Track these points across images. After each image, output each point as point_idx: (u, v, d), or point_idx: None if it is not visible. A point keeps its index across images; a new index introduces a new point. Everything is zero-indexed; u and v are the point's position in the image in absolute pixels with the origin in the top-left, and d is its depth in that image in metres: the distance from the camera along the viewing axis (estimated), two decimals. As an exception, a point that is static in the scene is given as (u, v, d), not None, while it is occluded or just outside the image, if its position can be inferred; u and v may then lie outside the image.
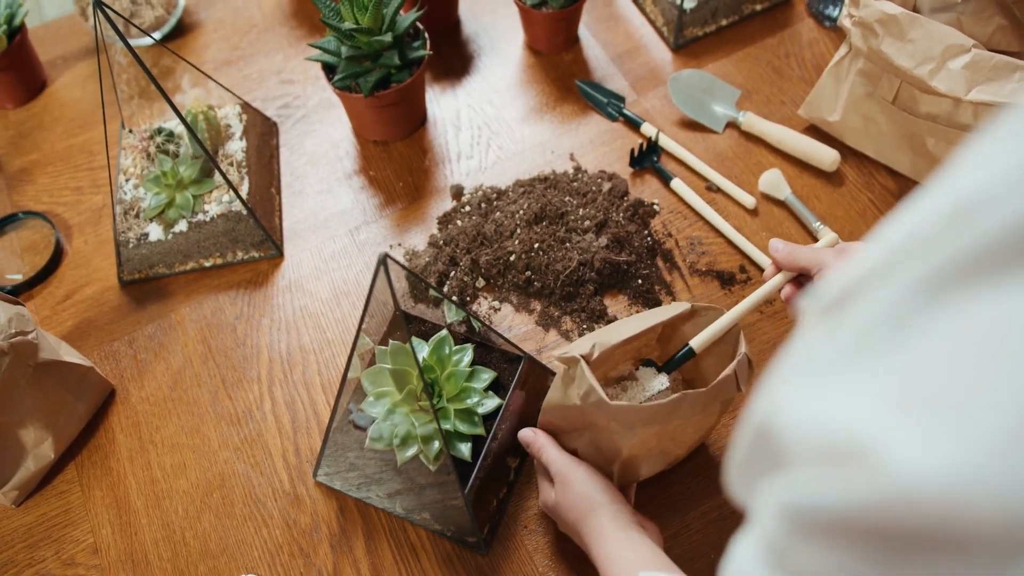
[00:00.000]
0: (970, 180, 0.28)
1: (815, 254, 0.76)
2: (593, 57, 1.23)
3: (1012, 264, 0.25)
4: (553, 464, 0.79)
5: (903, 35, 0.92)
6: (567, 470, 0.78)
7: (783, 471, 0.30)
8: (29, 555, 0.90)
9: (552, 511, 0.80)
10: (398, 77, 1.07)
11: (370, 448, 0.83)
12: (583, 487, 0.77)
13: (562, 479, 0.78)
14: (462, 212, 1.08)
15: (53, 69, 1.29)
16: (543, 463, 0.81)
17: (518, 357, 0.87)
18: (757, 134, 1.11)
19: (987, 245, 0.25)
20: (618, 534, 0.72)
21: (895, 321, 0.28)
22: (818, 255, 0.76)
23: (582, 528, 0.75)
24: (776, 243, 0.80)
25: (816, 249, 0.77)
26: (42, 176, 1.18)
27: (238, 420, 0.96)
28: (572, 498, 0.77)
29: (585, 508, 0.76)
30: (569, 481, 0.77)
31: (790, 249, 0.79)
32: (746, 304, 0.80)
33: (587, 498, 0.76)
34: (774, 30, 1.22)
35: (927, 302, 0.27)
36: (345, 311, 1.03)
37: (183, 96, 1.12)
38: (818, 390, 0.30)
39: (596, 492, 0.76)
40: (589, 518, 0.75)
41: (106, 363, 1.01)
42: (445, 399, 0.82)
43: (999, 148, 0.28)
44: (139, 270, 1.07)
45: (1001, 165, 0.27)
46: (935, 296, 0.26)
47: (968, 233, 0.26)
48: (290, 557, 0.88)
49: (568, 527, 0.78)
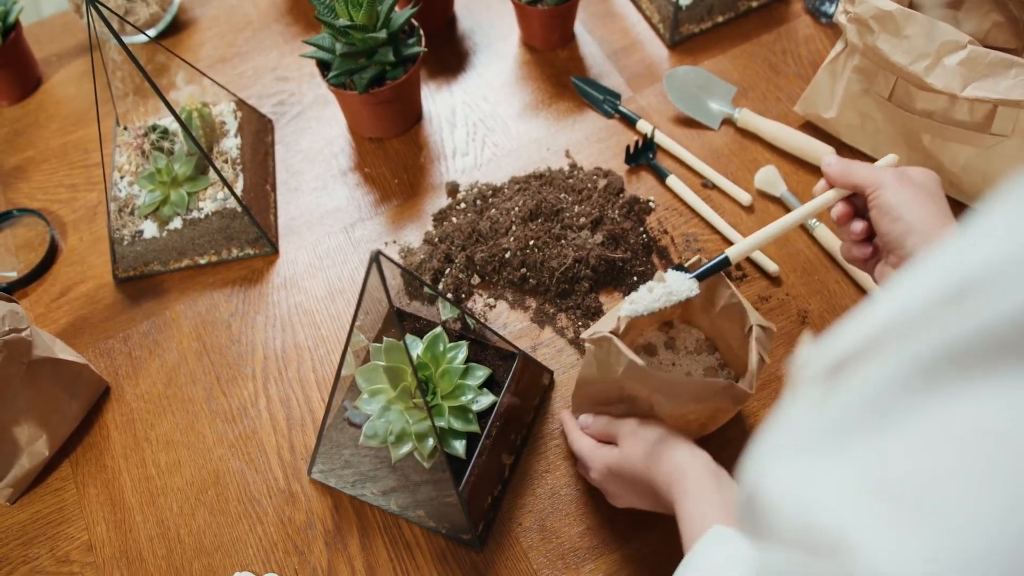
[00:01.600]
0: (971, 260, 0.26)
1: (873, 172, 0.69)
2: (589, 54, 1.23)
3: (1003, 358, 0.24)
4: (621, 423, 0.76)
5: (899, 31, 0.92)
6: (635, 424, 0.75)
7: (765, 540, 0.30)
8: (24, 552, 0.90)
9: (615, 471, 0.75)
10: (393, 74, 1.07)
11: (364, 445, 0.83)
12: (657, 433, 0.73)
13: (630, 431, 0.74)
14: (457, 209, 1.08)
15: (48, 66, 1.29)
16: (602, 431, 0.78)
17: (513, 354, 0.87)
18: (753, 131, 1.11)
19: (982, 334, 0.24)
20: (704, 475, 0.68)
21: (883, 404, 0.27)
22: (876, 174, 0.69)
23: (657, 471, 0.70)
24: (830, 158, 0.73)
25: (872, 168, 0.70)
26: (37, 173, 1.18)
27: (233, 417, 0.96)
28: (644, 444, 0.72)
29: (661, 448, 0.71)
30: (639, 431, 0.74)
31: (844, 165, 0.71)
32: (790, 219, 0.74)
33: (662, 440, 0.72)
34: (770, 26, 1.22)
35: (916, 388, 0.26)
36: (340, 308, 1.03)
37: (178, 93, 1.12)
38: (803, 470, 0.29)
39: (670, 435, 0.72)
40: (665, 458, 0.70)
41: (101, 360, 1.01)
42: (439, 396, 0.82)
43: (1001, 228, 0.27)
44: (134, 267, 1.07)
45: (1003, 248, 0.25)
46: (924, 382, 0.26)
47: (964, 318, 0.25)
48: (285, 554, 0.88)
49: (639, 481, 0.73)
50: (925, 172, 0.70)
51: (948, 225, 0.64)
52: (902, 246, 0.64)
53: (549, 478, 0.89)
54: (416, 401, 0.81)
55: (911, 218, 0.64)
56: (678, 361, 0.88)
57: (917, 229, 0.63)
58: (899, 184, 0.67)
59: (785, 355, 0.95)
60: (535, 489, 0.89)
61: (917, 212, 0.64)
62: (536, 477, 0.89)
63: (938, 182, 0.69)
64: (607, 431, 0.78)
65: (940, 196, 0.67)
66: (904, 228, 0.64)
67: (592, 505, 0.87)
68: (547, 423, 0.93)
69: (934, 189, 0.68)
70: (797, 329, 0.97)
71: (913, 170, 0.70)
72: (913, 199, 0.65)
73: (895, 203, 0.65)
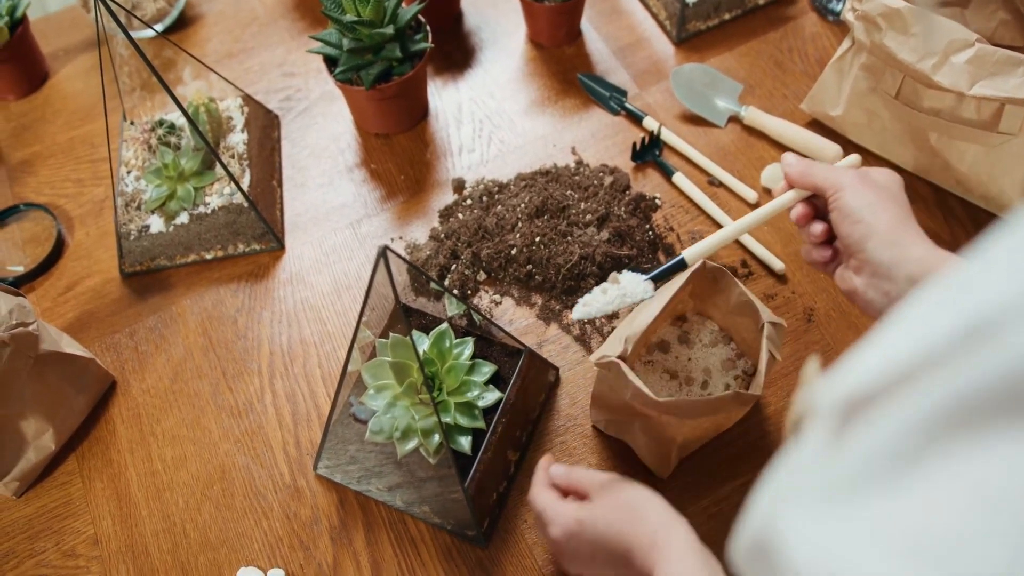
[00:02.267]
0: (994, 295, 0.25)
1: (833, 174, 0.67)
2: (595, 51, 1.23)
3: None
4: (593, 475, 0.71)
5: (906, 29, 0.91)
6: (612, 478, 0.69)
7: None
8: (30, 546, 0.90)
9: (576, 531, 0.68)
10: (400, 70, 1.07)
11: (370, 441, 0.83)
12: (636, 491, 0.67)
13: (605, 487, 0.69)
14: (463, 205, 1.08)
15: (55, 61, 1.29)
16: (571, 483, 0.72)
17: (519, 351, 0.87)
18: (759, 128, 1.11)
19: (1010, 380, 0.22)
20: (691, 542, 0.62)
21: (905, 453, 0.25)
22: (836, 176, 0.67)
23: (635, 536, 0.63)
24: (789, 157, 0.71)
25: (834, 168, 0.68)
26: (44, 168, 1.18)
27: (239, 412, 0.96)
28: (620, 502, 0.66)
29: (641, 506, 0.65)
30: (616, 486, 0.68)
31: (805, 165, 0.69)
32: (749, 219, 0.73)
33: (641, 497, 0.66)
34: (777, 24, 1.22)
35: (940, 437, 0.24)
36: (346, 304, 1.03)
37: (185, 88, 1.12)
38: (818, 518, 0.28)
39: (650, 494, 0.66)
40: (646, 521, 0.64)
41: (107, 355, 1.01)
42: (445, 392, 0.82)
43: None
44: (140, 262, 1.07)
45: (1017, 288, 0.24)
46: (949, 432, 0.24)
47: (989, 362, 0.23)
48: (290, 549, 0.88)
49: (607, 542, 0.65)
50: (887, 173, 0.68)
51: (909, 228, 0.63)
52: (863, 249, 0.63)
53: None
54: (422, 397, 0.81)
55: (872, 221, 0.62)
56: (693, 356, 0.88)
57: (878, 232, 0.62)
58: (860, 186, 0.65)
59: (791, 353, 0.95)
60: (540, 485, 0.89)
61: (879, 215, 0.62)
62: (541, 473, 0.89)
63: (900, 184, 0.68)
64: (579, 484, 0.72)
65: (902, 198, 0.66)
66: (865, 231, 0.63)
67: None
68: (552, 420, 0.93)
69: (896, 191, 0.66)
70: (803, 327, 0.97)
71: (875, 171, 0.69)
72: (875, 201, 0.63)
73: (856, 206, 0.64)
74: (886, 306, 0.62)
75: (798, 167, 0.69)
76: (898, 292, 0.60)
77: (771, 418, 0.91)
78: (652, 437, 0.83)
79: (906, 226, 0.63)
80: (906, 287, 0.60)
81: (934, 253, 0.60)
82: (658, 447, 0.84)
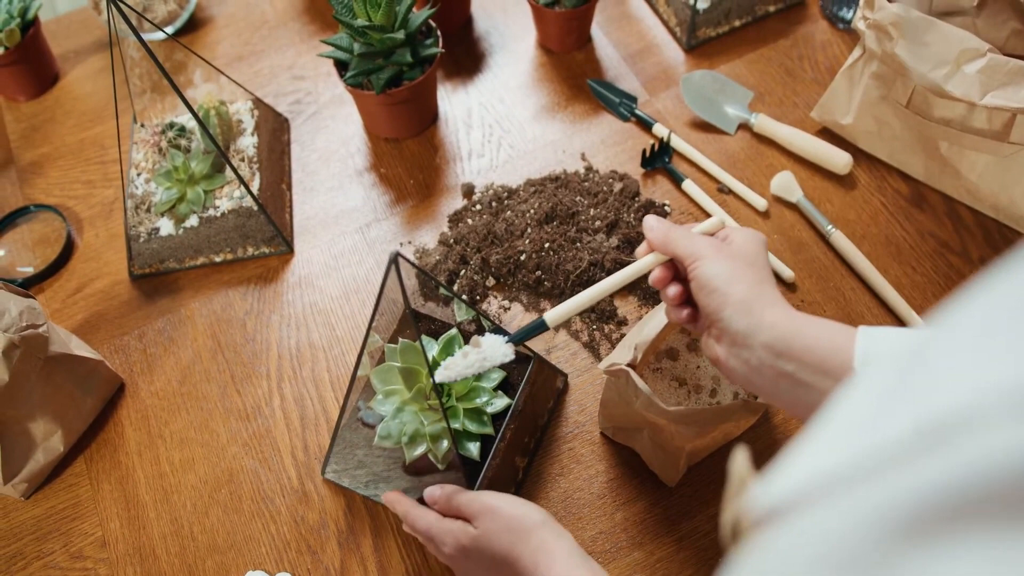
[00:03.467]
0: (942, 399, 0.23)
1: (691, 244, 0.66)
2: (605, 56, 1.23)
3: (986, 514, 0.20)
4: (472, 499, 0.74)
5: (918, 38, 0.91)
6: (491, 497, 0.73)
7: None
8: (38, 548, 0.90)
9: (470, 549, 0.73)
10: (410, 75, 1.07)
11: (378, 446, 0.83)
12: (518, 508, 0.71)
13: (488, 507, 0.73)
14: (473, 211, 1.08)
15: (65, 63, 1.30)
16: (455, 506, 0.76)
17: (527, 357, 0.87)
18: (769, 136, 1.11)
19: (963, 485, 0.21)
20: (572, 557, 0.67)
21: (848, 561, 0.24)
22: (694, 246, 0.66)
23: (522, 550, 0.69)
24: (651, 220, 0.69)
25: (693, 238, 0.66)
26: (53, 169, 1.18)
27: (247, 416, 0.96)
28: (505, 520, 0.71)
29: (524, 527, 0.70)
30: (497, 506, 0.72)
31: (665, 231, 0.68)
32: (609, 282, 0.72)
33: (525, 517, 0.71)
34: (787, 32, 1.22)
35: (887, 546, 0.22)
36: (355, 308, 1.03)
37: (195, 91, 1.12)
38: None
39: (532, 510, 0.71)
40: (531, 537, 0.69)
41: (116, 357, 1.02)
42: (454, 398, 0.82)
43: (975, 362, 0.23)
44: (149, 264, 1.07)
45: (978, 388, 0.22)
46: (897, 539, 0.22)
47: (940, 466, 0.22)
48: (298, 554, 0.88)
49: (499, 561, 0.71)
50: (748, 236, 0.67)
51: (765, 294, 0.62)
52: (720, 319, 0.63)
53: (562, 481, 0.89)
54: (431, 403, 0.81)
55: (727, 290, 0.62)
56: (702, 364, 0.88)
57: (733, 301, 0.62)
58: (716, 256, 0.64)
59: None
60: (548, 492, 0.89)
61: (733, 284, 0.62)
62: (549, 480, 0.89)
63: (762, 244, 0.67)
64: (460, 509, 0.75)
65: (761, 262, 0.65)
66: (720, 300, 0.63)
67: (604, 510, 0.87)
68: (560, 426, 0.93)
69: (755, 256, 0.66)
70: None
71: (737, 234, 0.68)
72: (730, 270, 0.63)
73: (711, 275, 0.63)
74: (748, 374, 0.62)
75: (659, 233, 0.68)
76: (757, 360, 0.60)
77: (780, 426, 0.91)
78: (660, 445, 0.83)
79: (762, 292, 0.62)
80: (763, 354, 0.60)
81: (789, 318, 0.60)
82: (666, 455, 0.84)
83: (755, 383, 0.62)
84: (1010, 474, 0.20)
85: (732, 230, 0.68)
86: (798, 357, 0.58)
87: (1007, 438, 0.20)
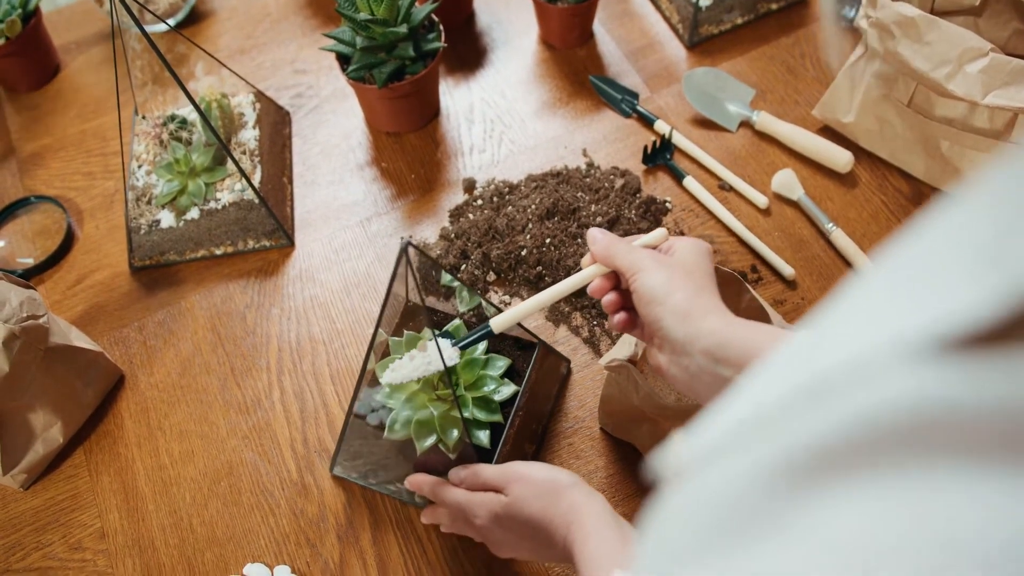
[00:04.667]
0: (826, 356, 0.25)
1: (631, 257, 0.67)
2: (607, 53, 1.23)
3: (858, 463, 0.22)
4: (501, 470, 0.75)
5: (920, 37, 0.91)
6: (520, 465, 0.74)
7: None
8: (36, 539, 0.90)
9: (503, 517, 0.73)
10: (412, 69, 1.07)
11: (388, 438, 0.83)
12: (548, 472, 0.72)
13: (519, 474, 0.73)
14: (474, 206, 1.08)
15: (67, 54, 1.29)
16: (483, 480, 0.76)
17: (531, 344, 0.87)
18: (771, 134, 1.11)
19: (838, 436, 0.22)
20: (604, 516, 0.67)
21: (746, 510, 0.25)
22: (634, 259, 0.67)
23: (555, 513, 0.69)
24: (595, 233, 0.70)
25: (634, 251, 0.67)
26: (54, 160, 1.18)
27: (247, 409, 0.96)
28: (537, 485, 0.71)
29: (555, 490, 0.70)
30: (528, 472, 0.73)
31: (607, 243, 0.69)
32: (554, 290, 0.73)
33: (556, 480, 0.71)
34: (789, 30, 1.22)
35: (778, 493, 0.24)
36: (355, 302, 1.03)
37: (196, 84, 1.12)
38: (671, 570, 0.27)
39: (563, 474, 0.72)
40: (562, 500, 0.70)
41: (115, 349, 1.02)
42: (463, 387, 0.82)
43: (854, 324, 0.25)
44: (150, 256, 1.07)
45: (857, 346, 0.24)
46: (787, 487, 0.23)
47: (821, 417, 0.23)
48: (296, 547, 0.88)
49: (532, 526, 0.71)
50: (689, 247, 0.68)
51: (703, 302, 0.63)
52: (660, 328, 0.64)
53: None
54: (440, 393, 0.82)
55: (665, 300, 0.63)
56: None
57: (671, 311, 0.63)
58: (655, 268, 0.65)
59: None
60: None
61: (672, 294, 0.63)
62: (549, 475, 0.90)
63: (702, 253, 0.67)
64: (489, 481, 0.76)
65: (701, 271, 0.66)
66: (659, 311, 0.64)
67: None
68: (560, 422, 0.93)
69: (694, 265, 0.66)
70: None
71: (679, 244, 0.68)
72: (668, 280, 0.64)
73: (649, 286, 0.64)
74: (688, 381, 0.63)
75: (601, 246, 0.69)
76: (696, 366, 0.61)
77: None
78: (661, 440, 0.84)
79: (700, 300, 0.63)
80: (702, 361, 0.61)
81: (726, 325, 0.61)
82: None
83: (696, 389, 0.63)
84: (891, 421, 0.21)
85: (676, 240, 0.69)
86: (736, 362, 0.59)
87: (890, 387, 0.21)
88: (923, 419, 0.20)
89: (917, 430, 0.20)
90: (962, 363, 0.20)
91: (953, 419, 0.20)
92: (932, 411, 0.20)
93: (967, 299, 0.20)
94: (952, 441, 0.20)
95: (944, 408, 0.20)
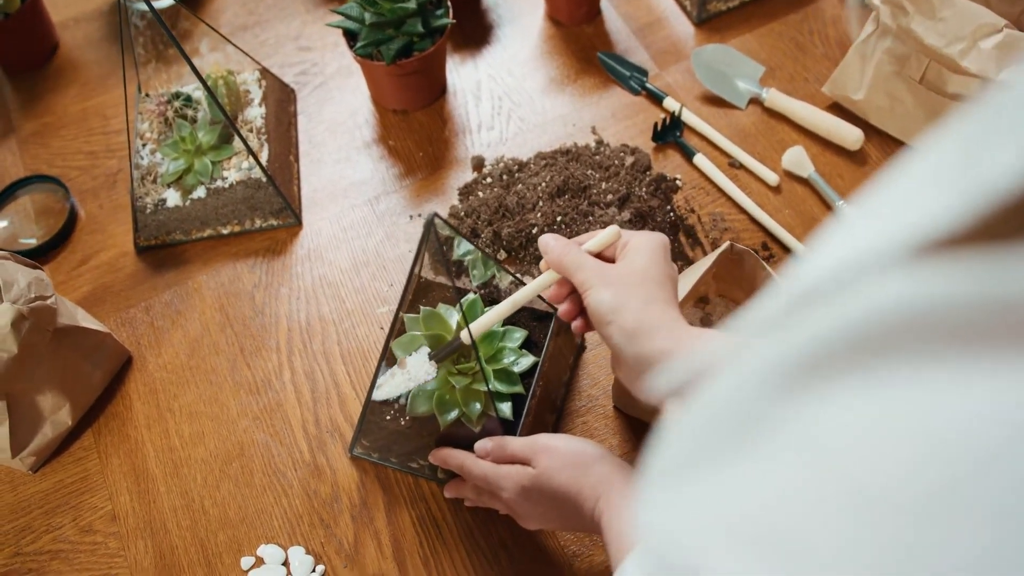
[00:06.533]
0: (810, 270, 0.26)
1: (580, 273, 0.67)
2: (615, 30, 1.21)
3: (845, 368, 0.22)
4: (528, 442, 0.74)
5: (934, 13, 0.91)
6: (547, 437, 0.74)
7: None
8: (47, 521, 0.89)
9: (531, 489, 0.72)
10: (420, 45, 1.05)
11: (410, 415, 0.83)
12: (576, 444, 0.72)
13: (546, 447, 0.73)
14: (483, 184, 1.07)
15: (65, 31, 1.27)
16: (510, 453, 0.76)
17: (547, 315, 0.87)
18: (780, 111, 1.10)
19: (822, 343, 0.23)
20: (632, 487, 0.67)
21: (737, 419, 0.26)
22: (583, 275, 0.67)
23: (583, 484, 0.69)
24: (547, 240, 0.70)
25: (583, 265, 0.67)
26: (55, 139, 1.16)
27: (257, 389, 0.96)
28: (565, 456, 0.71)
29: (583, 461, 0.70)
30: (555, 444, 0.73)
31: (559, 254, 0.68)
32: (512, 300, 0.72)
33: (583, 452, 0.71)
34: (798, 6, 1.21)
35: (769, 401, 0.24)
36: (364, 281, 1.02)
37: (202, 60, 1.10)
38: (669, 496, 0.28)
39: (590, 445, 0.72)
40: (591, 471, 0.69)
41: (123, 330, 1.00)
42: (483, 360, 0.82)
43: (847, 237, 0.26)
44: (156, 236, 1.05)
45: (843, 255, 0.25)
46: (777, 394, 0.24)
47: (805, 327, 0.24)
48: (310, 527, 0.87)
49: (560, 497, 0.70)
50: (641, 246, 0.67)
51: (652, 315, 0.63)
52: (612, 346, 0.65)
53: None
54: (460, 367, 0.81)
55: (612, 319, 0.64)
56: None
57: (618, 330, 0.63)
58: (601, 284, 0.65)
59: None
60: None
61: (619, 313, 0.64)
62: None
63: (656, 250, 0.67)
64: (517, 453, 0.75)
65: (651, 275, 0.66)
66: (608, 330, 0.64)
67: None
68: (574, 401, 0.93)
69: (645, 268, 0.66)
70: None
71: (632, 244, 0.68)
72: (613, 298, 0.64)
73: (596, 304, 0.65)
74: (647, 396, 0.64)
75: (554, 255, 0.69)
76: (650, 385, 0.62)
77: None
78: None
79: (649, 315, 0.63)
80: None
81: (676, 342, 0.61)
82: None
83: (656, 404, 0.64)
84: (878, 321, 0.22)
85: (630, 237, 0.69)
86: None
87: (872, 290, 0.22)
88: (904, 317, 0.21)
89: (897, 329, 0.21)
90: (940, 264, 0.21)
91: (934, 316, 0.21)
92: (912, 310, 0.21)
93: (939, 205, 0.21)
94: (935, 337, 0.21)
95: (925, 306, 0.21)
